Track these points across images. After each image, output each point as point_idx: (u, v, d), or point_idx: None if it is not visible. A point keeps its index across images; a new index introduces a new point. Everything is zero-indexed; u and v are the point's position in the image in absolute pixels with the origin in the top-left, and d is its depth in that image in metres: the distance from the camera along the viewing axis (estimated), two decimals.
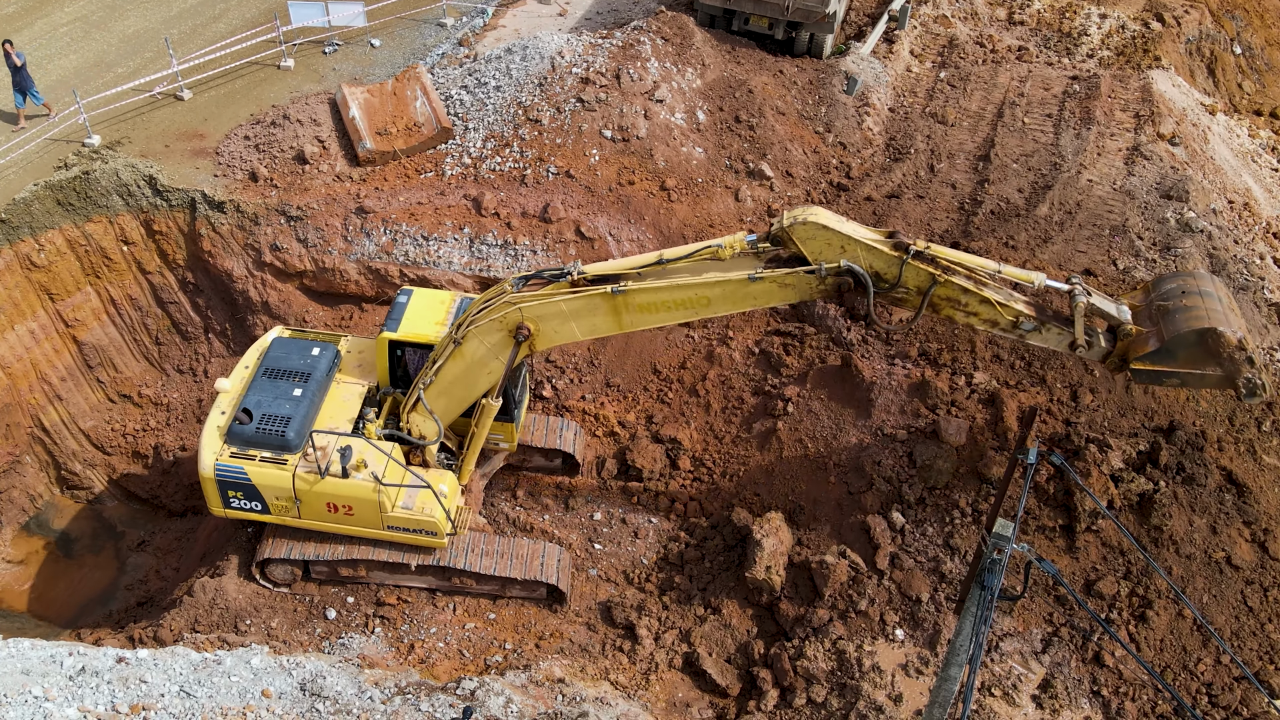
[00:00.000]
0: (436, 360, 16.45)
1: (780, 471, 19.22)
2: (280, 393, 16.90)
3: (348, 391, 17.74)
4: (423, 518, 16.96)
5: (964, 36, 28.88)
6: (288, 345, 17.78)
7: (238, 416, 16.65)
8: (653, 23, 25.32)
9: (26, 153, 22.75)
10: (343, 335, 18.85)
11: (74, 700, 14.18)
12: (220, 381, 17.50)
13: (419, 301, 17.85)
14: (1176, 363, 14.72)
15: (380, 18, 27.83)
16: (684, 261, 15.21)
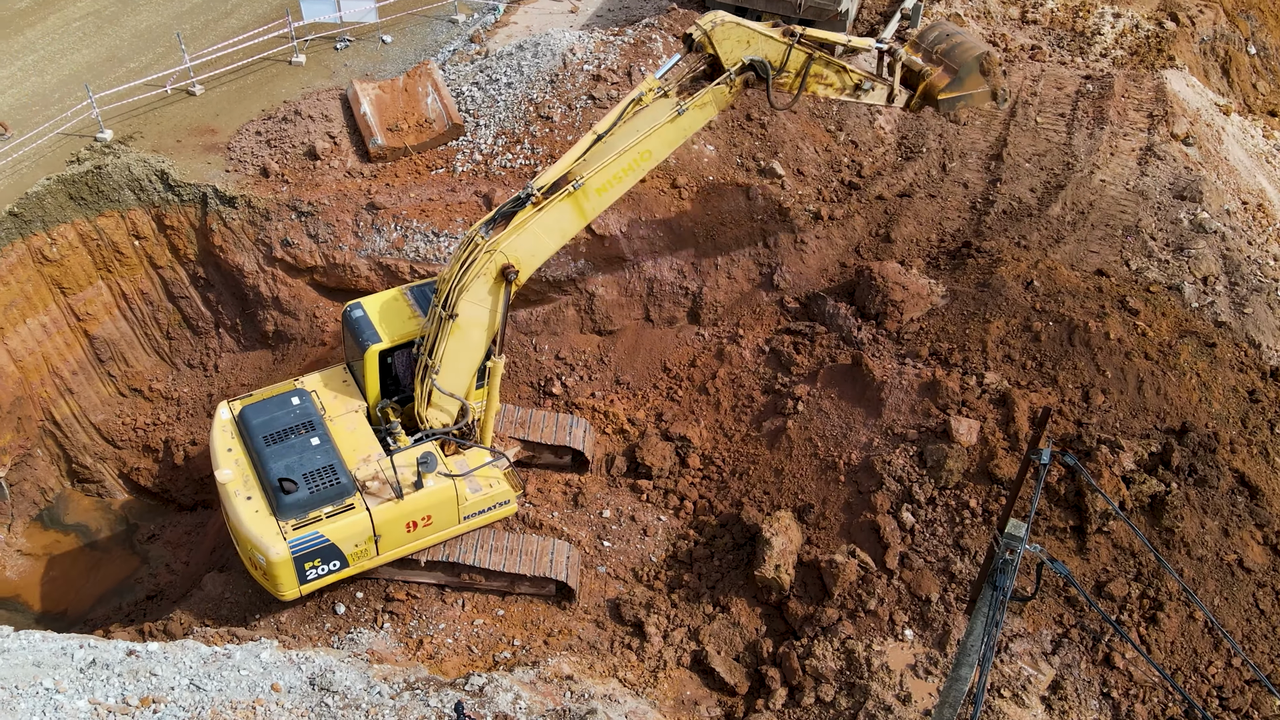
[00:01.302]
0: (433, 346, 16.46)
1: (790, 470, 19.25)
2: (300, 448, 16.44)
3: (349, 421, 17.43)
4: (496, 492, 17.30)
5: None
6: (262, 408, 17.10)
7: (281, 488, 15.95)
8: (664, 20, 25.36)
9: (39, 147, 22.88)
10: (294, 381, 18.25)
11: (84, 692, 14.26)
12: (221, 474, 16.62)
13: (376, 307, 17.62)
14: (964, 87, 19.35)
15: (392, 14, 27.92)
16: (618, 127, 16.65)
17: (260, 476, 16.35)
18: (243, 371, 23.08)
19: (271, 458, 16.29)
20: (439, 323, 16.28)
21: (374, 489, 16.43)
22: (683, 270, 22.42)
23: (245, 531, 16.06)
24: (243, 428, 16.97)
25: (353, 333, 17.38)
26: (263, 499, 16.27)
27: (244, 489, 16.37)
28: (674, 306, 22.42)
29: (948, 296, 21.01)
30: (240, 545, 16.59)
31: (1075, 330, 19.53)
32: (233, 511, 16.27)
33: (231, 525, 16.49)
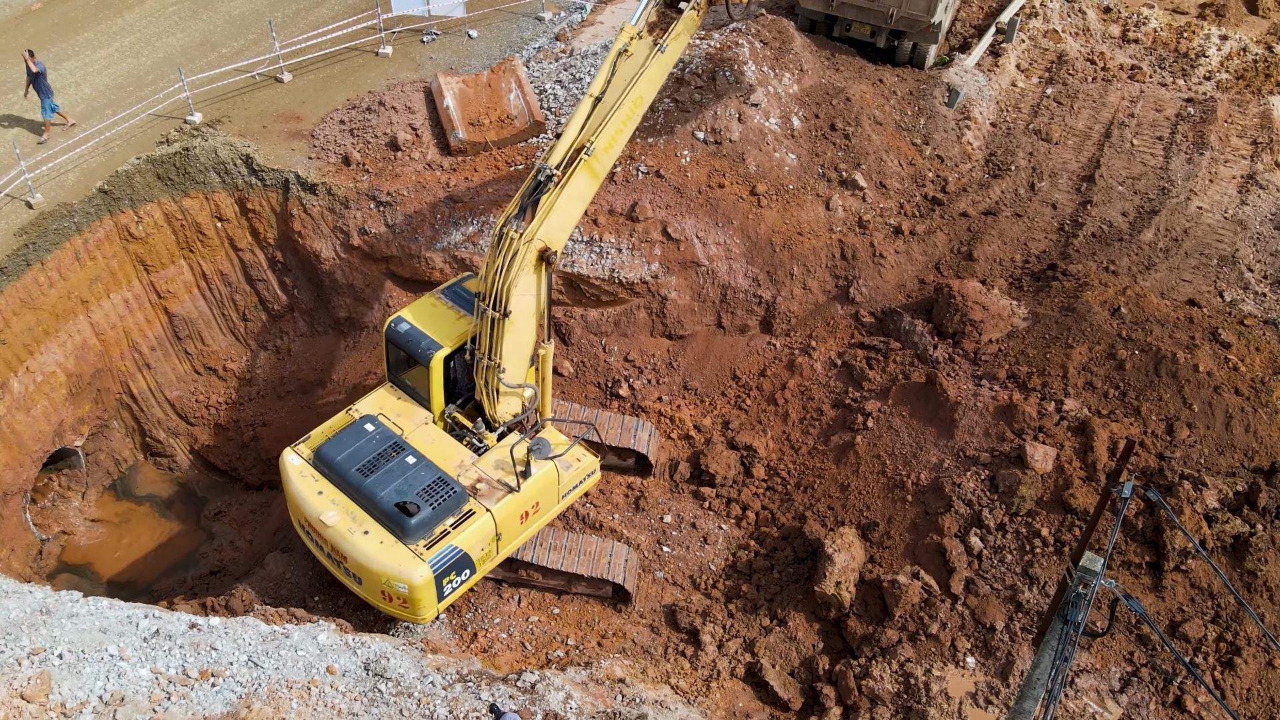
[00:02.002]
0: (491, 345, 16.75)
1: (856, 486, 19.21)
2: (399, 469, 16.47)
3: (424, 434, 17.56)
4: (585, 464, 17.78)
5: (1074, 52, 28.49)
6: (339, 443, 16.86)
7: (404, 512, 15.92)
8: (752, 25, 25.49)
9: (131, 127, 23.76)
10: (347, 412, 18.00)
11: (147, 661, 14.78)
12: (327, 517, 16.30)
13: (420, 316, 17.75)
14: None
15: (479, 9, 28.46)
16: (613, 84, 16.97)
17: (370, 508, 16.24)
18: (314, 356, 23.74)
19: (377, 486, 16.19)
20: (492, 323, 16.56)
21: (484, 490, 16.76)
22: (757, 278, 22.51)
23: (378, 565, 15.89)
24: (327, 467, 16.73)
25: (406, 346, 17.41)
26: (380, 529, 16.13)
27: (356, 525, 16.20)
28: (747, 314, 22.51)
29: (1029, 319, 20.80)
30: (369, 580, 16.22)
31: (1162, 360, 19.20)
32: (352, 550, 16.06)
33: (356, 564, 16.16)
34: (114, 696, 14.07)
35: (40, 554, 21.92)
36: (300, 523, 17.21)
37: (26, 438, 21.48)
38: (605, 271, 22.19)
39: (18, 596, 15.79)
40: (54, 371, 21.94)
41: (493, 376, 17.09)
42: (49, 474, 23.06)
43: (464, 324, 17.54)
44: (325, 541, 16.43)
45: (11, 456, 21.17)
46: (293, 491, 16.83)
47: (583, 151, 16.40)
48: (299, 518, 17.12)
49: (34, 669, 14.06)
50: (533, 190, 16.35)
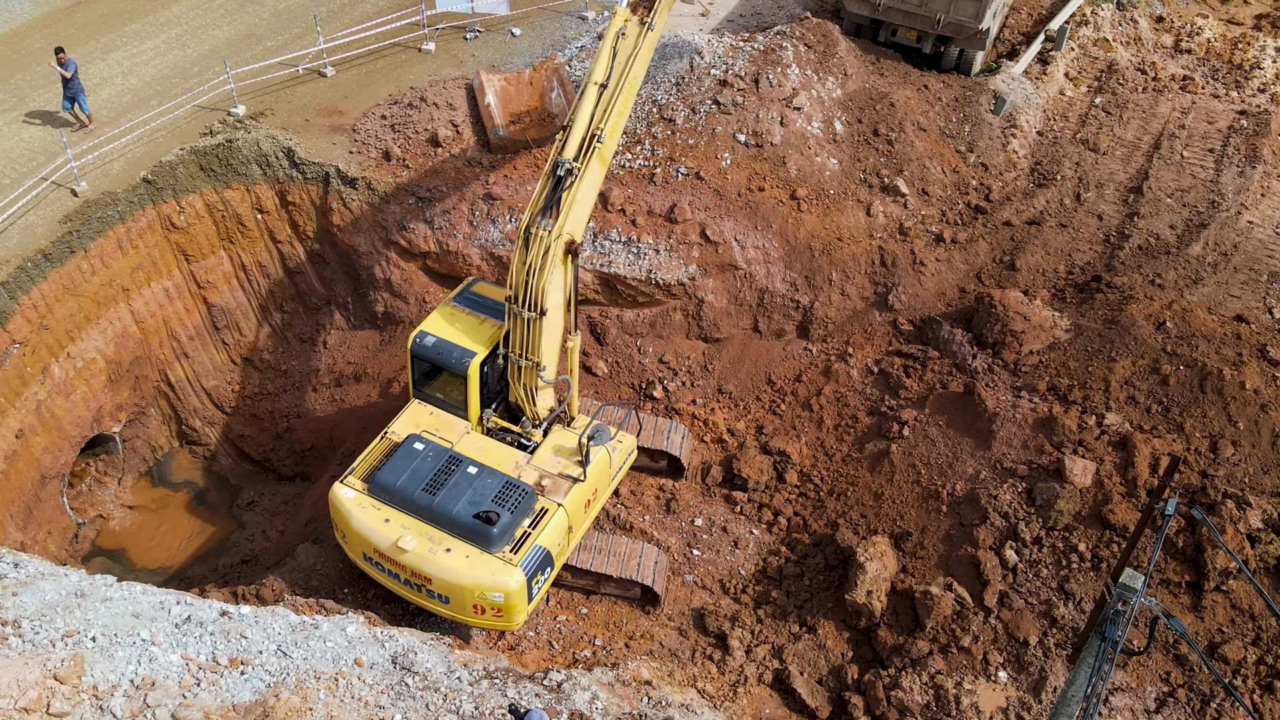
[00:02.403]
0: (526, 345, 16.90)
1: (890, 495, 19.16)
2: (465, 481, 16.51)
3: (471, 443, 17.61)
4: (626, 444, 18.13)
5: (1125, 62, 28.25)
6: (395, 468, 16.73)
7: (486, 520, 16.04)
8: (797, 28, 25.51)
9: (175, 118, 24.17)
10: (384, 438, 17.72)
11: (178, 647, 15.03)
12: (405, 541, 16.22)
13: (443, 327, 17.72)
14: None
15: (522, 7, 28.68)
16: (613, 66, 17.01)
17: (445, 524, 16.23)
18: (350, 350, 24.02)
19: (449, 502, 16.20)
20: (526, 323, 16.66)
21: (549, 486, 16.97)
22: (795, 283, 22.52)
23: (470, 579, 15.95)
24: (388, 493, 16.56)
25: (437, 358, 17.43)
26: (461, 543, 16.18)
27: (436, 545, 16.17)
28: (783, 319, 22.52)
29: (1072, 331, 20.65)
30: (460, 597, 16.22)
31: (1208, 377, 19.00)
32: (439, 570, 16.02)
33: (444, 584, 16.13)
34: (145, 680, 14.31)
35: (76, 537, 22.37)
36: (367, 555, 16.73)
37: (66, 422, 21.93)
38: (642, 272, 22.29)
39: (53, 579, 16.11)
40: (94, 358, 22.39)
41: (531, 375, 17.23)
42: (86, 459, 23.53)
43: (489, 328, 17.69)
44: (403, 569, 16.22)
45: (51, 441, 21.62)
46: (355, 526, 16.49)
47: (595, 140, 16.58)
48: (365, 551, 16.64)
49: (67, 651, 14.34)
50: (554, 187, 16.46)
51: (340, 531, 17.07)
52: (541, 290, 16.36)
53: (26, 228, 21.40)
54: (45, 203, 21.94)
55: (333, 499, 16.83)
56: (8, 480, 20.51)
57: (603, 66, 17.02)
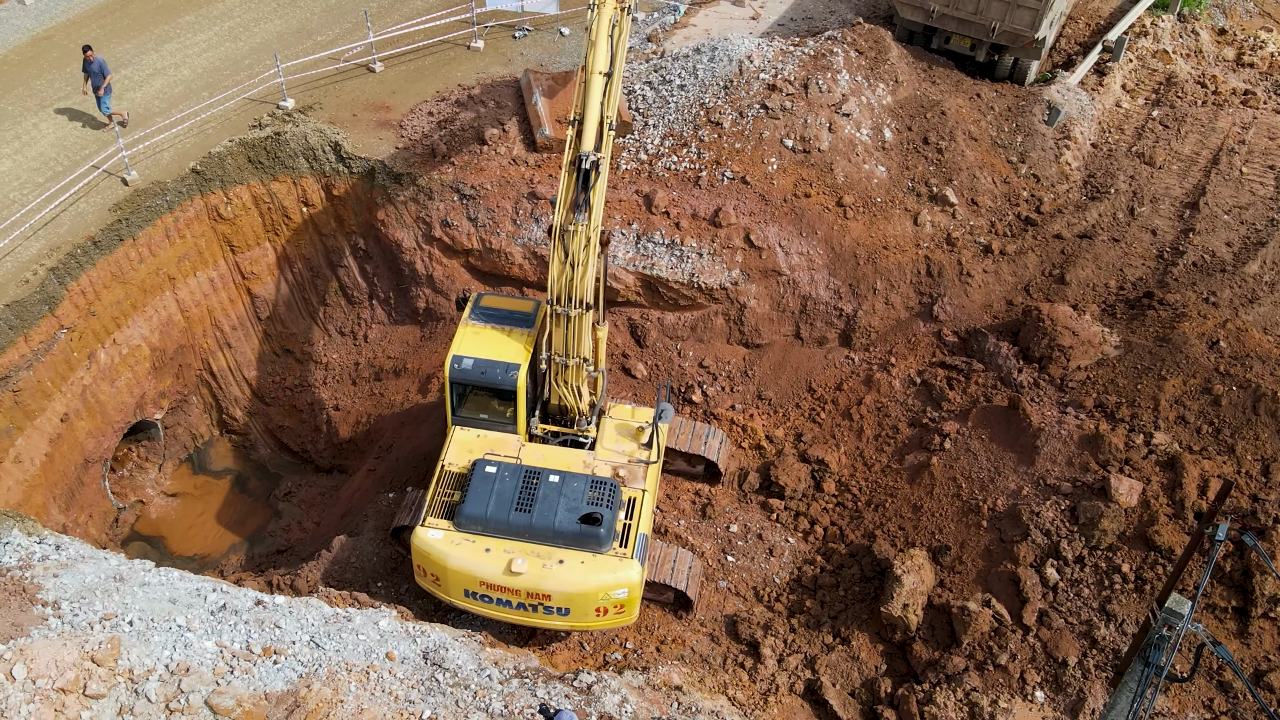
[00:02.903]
0: (570, 344, 17.03)
1: (929, 508, 19.07)
2: (553, 491, 16.56)
3: (535, 453, 17.66)
4: (663, 427, 18.43)
5: (1184, 74, 27.92)
6: (477, 496, 16.58)
7: (593, 522, 16.25)
8: (848, 34, 25.47)
9: (225, 110, 24.59)
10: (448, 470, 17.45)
11: (213, 634, 15.29)
12: (517, 565, 16.19)
13: (475, 346, 17.63)
14: None
15: (572, 7, 28.84)
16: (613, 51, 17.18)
17: (549, 538, 16.32)
18: (390, 344, 24.31)
19: (548, 515, 16.30)
20: (569, 321, 16.78)
21: (626, 474, 17.33)
22: (839, 291, 22.48)
23: (593, 583, 16.13)
24: (479, 523, 16.48)
25: (482, 379, 17.34)
26: (570, 551, 16.31)
27: (547, 560, 16.22)
28: (826, 326, 22.49)
29: (1121, 347, 20.45)
30: (582, 604, 16.35)
31: (1262, 398, 18.73)
32: (558, 584, 16.10)
33: (565, 596, 16.22)
34: (180, 666, 14.58)
35: (116, 521, 22.82)
36: (470, 591, 16.57)
37: (110, 408, 22.39)
38: (685, 275, 22.36)
39: (93, 562, 16.46)
40: (139, 345, 22.84)
41: (578, 373, 17.38)
42: (128, 444, 24.02)
43: (519, 337, 17.81)
44: (516, 593, 16.23)
45: (95, 425, 22.08)
46: (455, 564, 16.34)
47: (609, 128, 16.74)
48: (467, 587, 16.47)
49: (105, 634, 14.64)
50: (583, 182, 16.47)
51: (432, 575, 16.71)
52: (585, 285, 16.51)
53: (78, 215, 21.88)
54: (96, 190, 22.42)
55: (419, 545, 16.53)
56: (52, 463, 20.98)
57: (603, 56, 17.06)
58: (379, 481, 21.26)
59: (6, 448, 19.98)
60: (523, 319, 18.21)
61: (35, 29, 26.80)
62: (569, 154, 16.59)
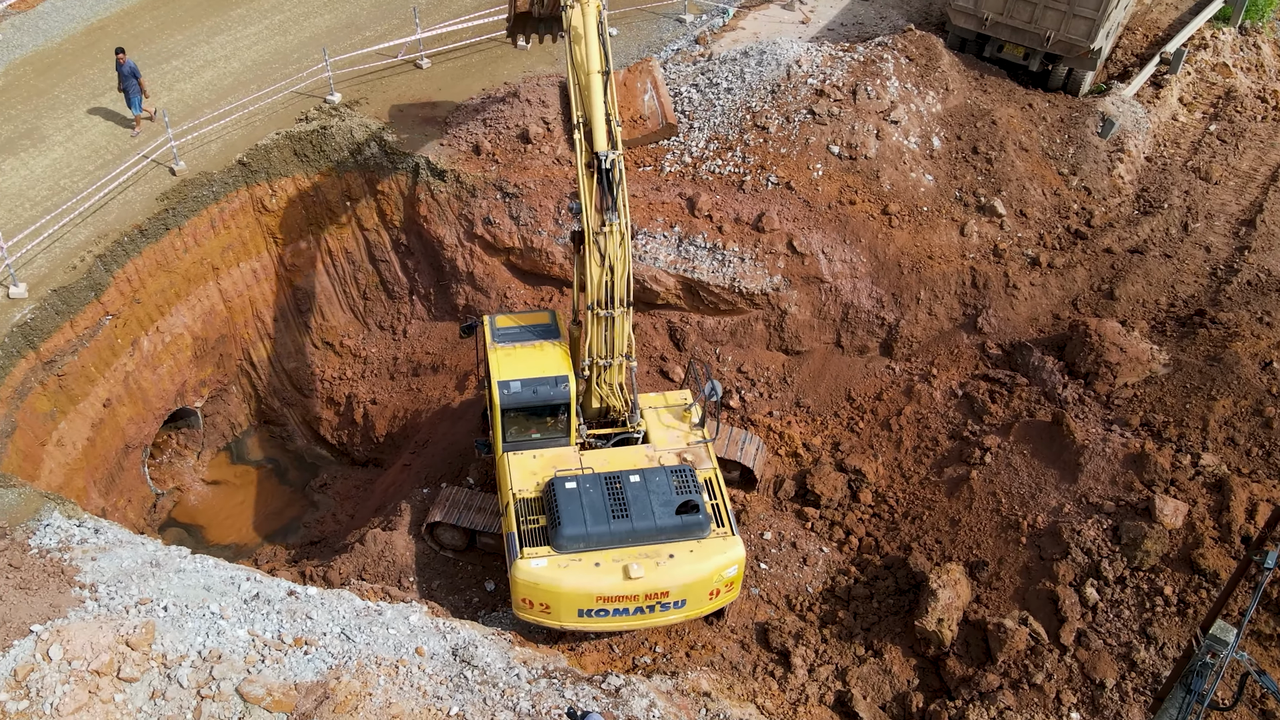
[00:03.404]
0: (610, 344, 17.18)
1: (967, 522, 18.96)
2: (642, 490, 16.63)
3: (599, 458, 17.73)
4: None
5: (1244, 89, 27.54)
6: (570, 512, 16.47)
7: (691, 509, 16.53)
8: (899, 40, 25.40)
9: (273, 103, 24.96)
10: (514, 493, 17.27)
11: (245, 623, 15.53)
12: (634, 570, 16.20)
13: (518, 367, 17.54)
14: None
15: (621, 8, 28.99)
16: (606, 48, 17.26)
17: (652, 536, 16.43)
18: (429, 340, 24.55)
19: (646, 515, 16.40)
20: (611, 322, 16.95)
21: (692, 457, 17.72)
22: (881, 300, 22.41)
23: (709, 568, 16.37)
24: (581, 540, 16.34)
25: (535, 399, 17.30)
26: (676, 544, 16.44)
27: (658, 557, 16.31)
28: (867, 335, 22.43)
29: (1170, 365, 20.22)
30: (697, 591, 16.52)
31: None
32: (675, 578, 16.23)
33: (683, 588, 16.35)
34: (212, 653, 14.82)
35: (154, 507, 23.24)
36: (585, 610, 16.47)
37: (151, 395, 22.82)
38: (726, 280, 22.40)
39: (130, 547, 16.78)
40: (181, 333, 23.26)
41: (620, 370, 17.57)
42: (168, 432, 24.45)
43: (550, 348, 17.88)
44: (634, 598, 16.29)
45: (136, 412, 22.51)
46: (568, 587, 16.15)
47: (615, 124, 16.79)
48: (583, 606, 16.35)
49: (140, 618, 14.92)
50: (607, 181, 16.55)
51: (541, 605, 16.43)
52: (626, 283, 16.64)
53: (126, 203, 22.32)
54: (145, 180, 22.85)
55: (524, 579, 16.22)
56: (93, 448, 21.41)
57: (597, 55, 17.04)
58: (414, 477, 21.47)
59: (50, 431, 20.42)
60: (546, 330, 18.25)
61: (90, 19, 27.37)
62: (583, 157, 16.65)
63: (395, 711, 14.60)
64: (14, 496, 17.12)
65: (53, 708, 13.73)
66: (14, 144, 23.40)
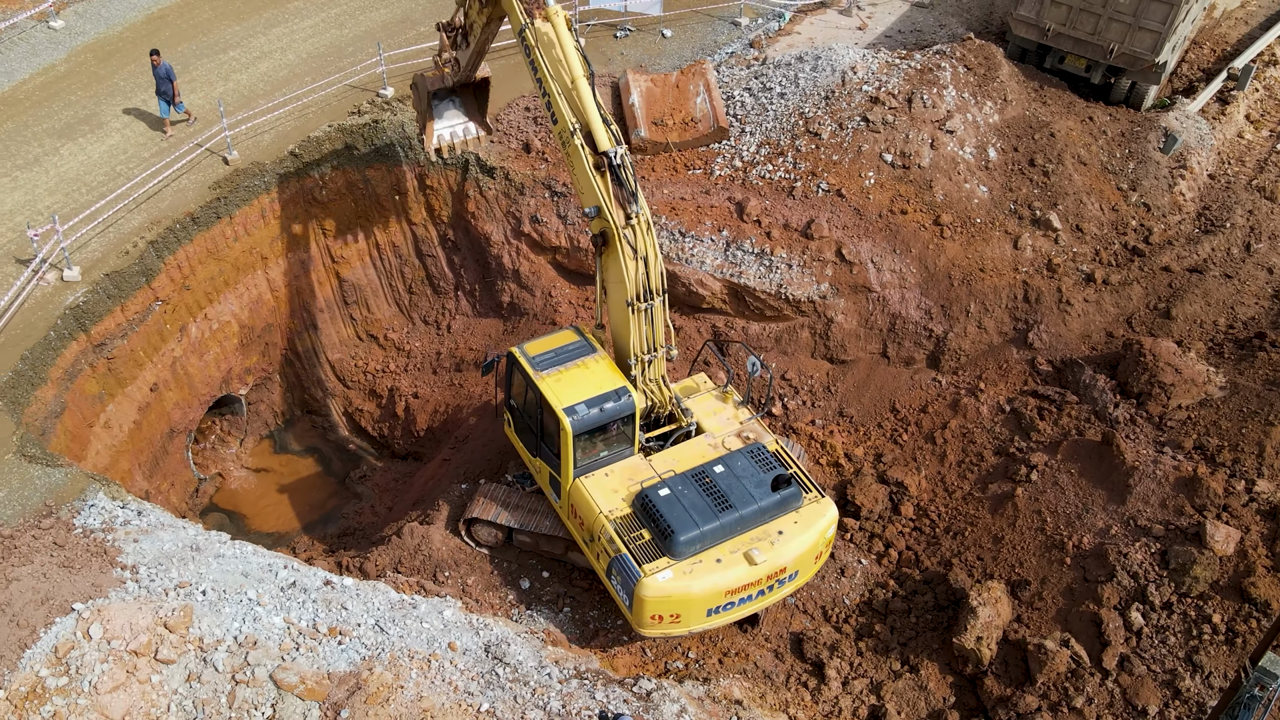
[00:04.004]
0: (652, 337, 17.40)
1: (1010, 540, 18.80)
2: (728, 480, 16.91)
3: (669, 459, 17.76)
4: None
5: None
6: (679, 514, 16.45)
7: (784, 484, 16.90)
8: (957, 49, 25.25)
9: (326, 95, 25.32)
10: (605, 515, 17.03)
11: (281, 610, 15.79)
12: (756, 555, 16.38)
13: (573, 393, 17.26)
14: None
15: (676, 9, 29.10)
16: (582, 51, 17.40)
17: (757, 519, 16.69)
18: (473, 336, 24.78)
19: (747, 499, 16.64)
20: (651, 314, 17.18)
21: (753, 434, 18.07)
22: (930, 311, 22.29)
23: (815, 534, 16.89)
24: (699, 542, 16.35)
25: (606, 419, 17.21)
26: (781, 521, 16.80)
27: (770, 538, 16.59)
28: (914, 347, 22.32)
29: (1227, 389, 19.91)
30: (806, 556, 16.91)
31: None
32: (789, 553, 16.57)
33: (797, 558, 16.74)
34: (248, 639, 15.08)
35: (196, 492, 23.68)
36: (714, 609, 16.53)
37: (197, 381, 23.26)
38: (772, 286, 22.40)
39: (172, 530, 17.12)
40: (229, 321, 23.69)
41: (661, 364, 17.76)
42: (212, 418, 24.91)
43: (596, 363, 17.76)
44: (757, 582, 16.50)
45: (182, 397, 22.96)
46: (700, 590, 16.16)
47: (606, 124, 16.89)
48: (712, 605, 16.41)
49: (179, 601, 15.22)
50: (618, 175, 16.75)
51: (671, 615, 16.40)
52: (660, 269, 16.92)
53: (179, 190, 22.76)
54: (199, 168, 23.29)
55: (656, 595, 16.07)
56: (139, 431, 21.86)
57: (576, 60, 17.08)
58: (453, 472, 21.68)
59: (98, 413, 20.87)
60: (582, 348, 18.02)
61: (150, 8, 27.95)
62: (589, 161, 16.81)
63: (426, 705, 14.76)
64: (61, 476, 17.52)
65: (91, 685, 14.05)
66: (74, 129, 23.97)
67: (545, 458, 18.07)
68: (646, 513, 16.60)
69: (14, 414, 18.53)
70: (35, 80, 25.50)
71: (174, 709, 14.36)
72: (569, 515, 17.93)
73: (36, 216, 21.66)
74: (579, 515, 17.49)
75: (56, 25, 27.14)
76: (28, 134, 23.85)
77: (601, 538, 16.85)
